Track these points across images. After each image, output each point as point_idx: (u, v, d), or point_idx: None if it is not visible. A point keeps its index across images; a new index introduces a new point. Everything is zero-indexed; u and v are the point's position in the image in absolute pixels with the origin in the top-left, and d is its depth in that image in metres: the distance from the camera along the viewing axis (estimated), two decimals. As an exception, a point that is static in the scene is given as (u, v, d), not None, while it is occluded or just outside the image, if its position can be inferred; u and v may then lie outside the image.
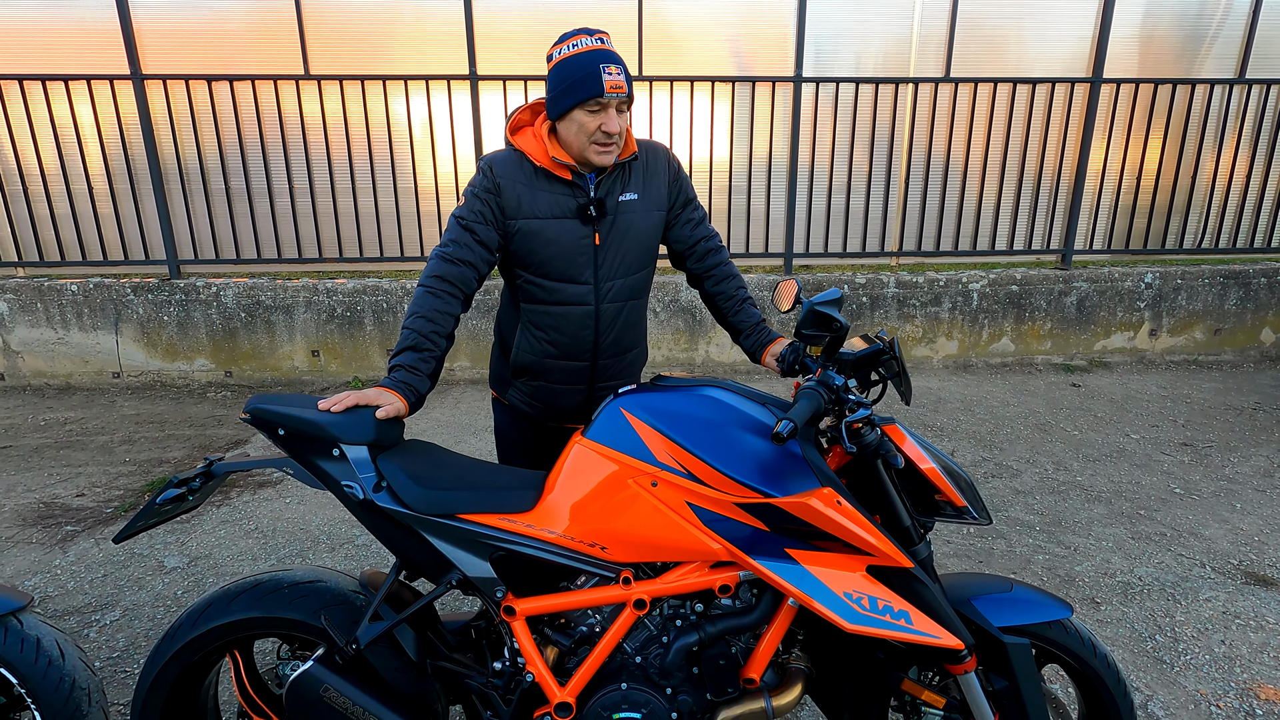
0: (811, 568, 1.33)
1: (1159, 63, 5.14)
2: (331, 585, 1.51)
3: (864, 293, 5.15)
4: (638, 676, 1.44)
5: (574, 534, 1.41)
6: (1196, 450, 3.87)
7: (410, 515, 1.40)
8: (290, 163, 4.90)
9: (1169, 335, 5.39)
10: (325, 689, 1.36)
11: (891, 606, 1.33)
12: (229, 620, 1.45)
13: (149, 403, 4.74)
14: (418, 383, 1.55)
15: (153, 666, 1.47)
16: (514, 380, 1.87)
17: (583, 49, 1.58)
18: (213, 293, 4.91)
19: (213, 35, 4.67)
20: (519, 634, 1.44)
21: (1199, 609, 2.53)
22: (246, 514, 3.23)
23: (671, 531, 1.38)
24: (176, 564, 2.84)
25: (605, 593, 1.43)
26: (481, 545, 1.41)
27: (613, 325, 1.79)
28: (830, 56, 5.00)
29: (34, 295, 4.82)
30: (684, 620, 1.44)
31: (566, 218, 1.70)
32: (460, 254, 1.65)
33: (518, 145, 1.72)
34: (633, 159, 1.75)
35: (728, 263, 1.90)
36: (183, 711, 1.55)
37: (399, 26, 4.74)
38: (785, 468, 1.34)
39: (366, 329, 5.00)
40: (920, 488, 1.44)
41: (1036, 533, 3.05)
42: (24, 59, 4.61)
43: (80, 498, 3.42)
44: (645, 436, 1.41)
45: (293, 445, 1.44)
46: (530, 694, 1.46)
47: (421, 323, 1.59)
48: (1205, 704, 2.09)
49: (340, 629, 1.42)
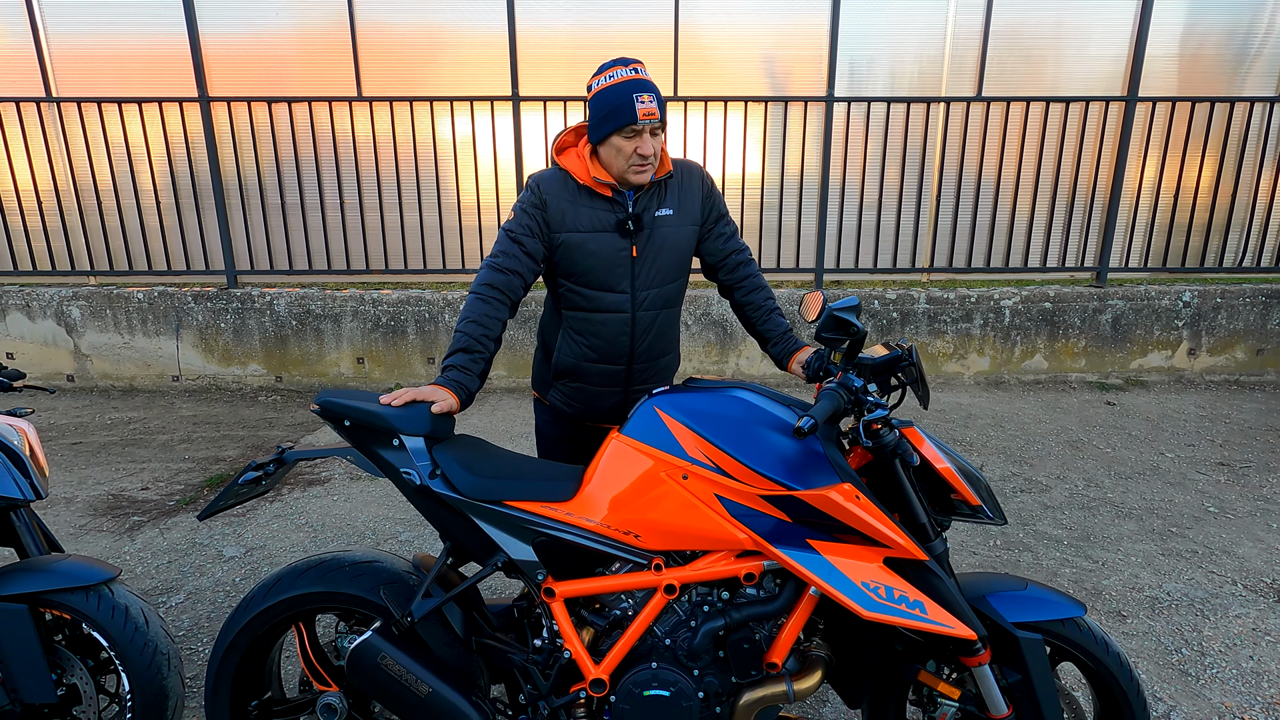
0: (831, 558, 1.43)
1: (1199, 81, 5.13)
2: (388, 565, 1.65)
3: (894, 308, 5.20)
4: (667, 657, 1.54)
5: (610, 522, 1.53)
6: (1233, 470, 3.83)
7: (462, 500, 1.53)
8: (341, 179, 5.16)
9: (1209, 355, 5.32)
10: (382, 657, 1.49)
11: (907, 596, 1.42)
12: (295, 594, 1.60)
13: (205, 405, 5.00)
14: (468, 381, 1.69)
15: (227, 634, 1.63)
16: (555, 382, 2.00)
17: (618, 80, 1.73)
18: (266, 301, 5.17)
19: (273, 60, 4.97)
20: (558, 615, 1.56)
21: (1228, 625, 2.53)
22: (298, 509, 3.42)
23: (701, 522, 1.48)
24: (234, 553, 3.02)
25: (638, 578, 1.54)
26: (525, 530, 1.54)
27: (648, 332, 1.91)
28: (862, 76, 5.10)
29: (103, 302, 5.15)
30: (711, 606, 1.54)
31: (606, 231, 1.83)
32: (508, 264, 1.79)
33: (562, 165, 1.87)
34: (668, 177, 1.88)
35: (757, 275, 2.01)
36: (250, 679, 1.70)
37: (445, 50, 4.99)
38: (808, 463, 1.44)
39: (409, 338, 5.21)
40: (937, 488, 1.53)
41: (1064, 547, 3.07)
42: (99, 82, 4.97)
43: (145, 491, 3.65)
44: (678, 433, 1.52)
45: (357, 436, 1.59)
46: (567, 670, 1.58)
47: (473, 326, 1.73)
48: (1230, 716, 2.10)
49: (396, 603, 1.55)
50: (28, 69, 4.95)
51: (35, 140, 5.05)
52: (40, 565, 1.69)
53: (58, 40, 4.92)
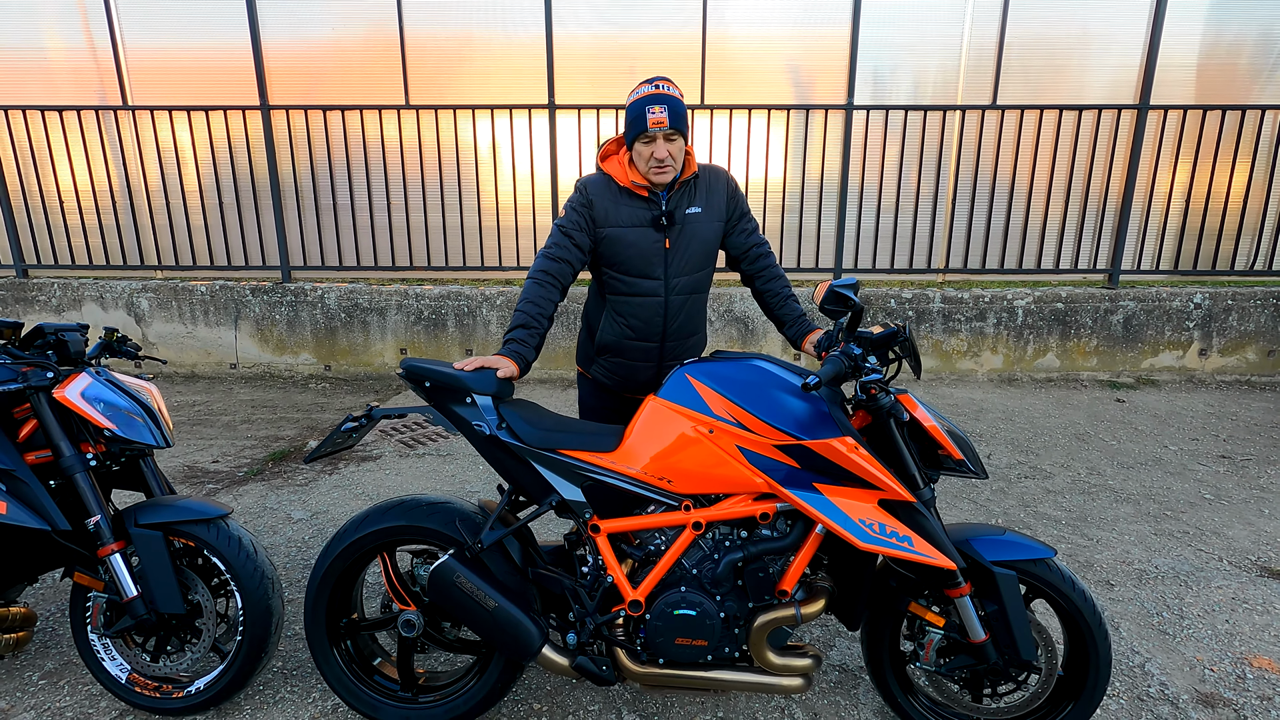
0: (833, 498, 1.70)
1: (1212, 89, 5.29)
2: (458, 505, 1.95)
3: (910, 307, 5.43)
4: (693, 584, 1.82)
5: (647, 470, 1.81)
6: (1234, 462, 4.00)
7: (524, 448, 1.83)
8: (389, 182, 5.53)
9: (1220, 355, 5.46)
10: (457, 576, 1.79)
11: (897, 532, 1.68)
12: (383, 526, 1.91)
13: (260, 390, 5.39)
14: (526, 352, 1.99)
15: (324, 560, 1.94)
16: (597, 358, 2.30)
17: (639, 95, 2.04)
18: (318, 295, 5.55)
19: (328, 69, 5.35)
20: (602, 547, 1.85)
21: (1209, 594, 2.75)
22: (354, 481, 3.76)
23: (724, 469, 1.76)
24: (301, 516, 3.36)
25: (670, 517, 1.82)
26: (576, 475, 1.83)
27: (679, 313, 2.20)
28: (882, 85, 5.35)
29: (169, 295, 5.57)
30: (731, 542, 1.82)
31: (643, 226, 2.13)
32: (560, 254, 2.09)
33: (605, 170, 2.17)
34: (695, 179, 2.17)
35: (775, 266, 2.29)
36: (339, 602, 2.01)
37: (485, 59, 5.33)
38: (815, 419, 1.72)
39: (449, 330, 5.56)
40: (927, 447, 1.80)
41: (1062, 525, 3.29)
42: (169, 90, 5.39)
43: (215, 464, 4.02)
44: (705, 396, 1.80)
45: (435, 395, 1.90)
46: (609, 594, 1.87)
47: (530, 306, 2.03)
48: (1200, 668, 2.32)
49: (468, 534, 1.86)
50: (106, 79, 5.39)
51: (112, 144, 5.49)
52: (168, 502, 2.02)
53: (134, 50, 5.34)
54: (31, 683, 2.22)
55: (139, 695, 2.04)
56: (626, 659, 1.84)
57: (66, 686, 2.20)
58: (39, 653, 2.36)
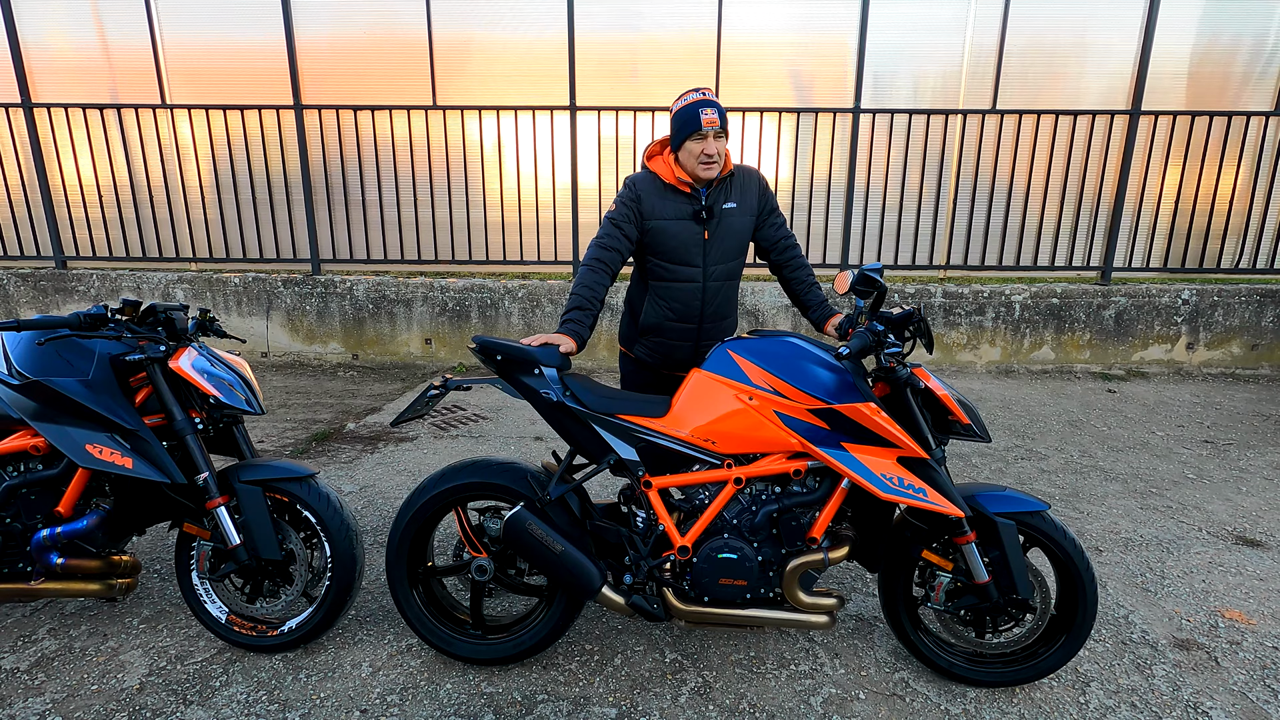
0: (858, 455, 1.96)
1: (1202, 96, 5.57)
2: (524, 465, 2.21)
3: (912, 302, 5.70)
4: (734, 533, 2.09)
5: (694, 433, 2.07)
6: (1216, 446, 4.29)
7: (587, 413, 2.09)
8: (416, 179, 5.78)
9: (1206, 349, 5.75)
10: (528, 524, 2.05)
11: (913, 484, 1.95)
12: (459, 483, 2.17)
13: (292, 378, 5.63)
14: (582, 331, 2.25)
15: (406, 512, 2.20)
16: (640, 338, 2.56)
17: (689, 100, 2.31)
18: (347, 287, 5.80)
19: (359, 69, 5.59)
20: (654, 500, 2.11)
21: (1189, 559, 3.02)
22: (396, 459, 4.02)
23: (762, 431, 2.03)
24: (351, 489, 3.62)
25: (714, 474, 2.08)
26: (632, 437, 2.09)
27: (715, 298, 2.46)
28: (886, 89, 5.61)
29: (205, 286, 5.80)
30: (768, 495, 2.08)
31: (685, 219, 2.39)
32: (612, 243, 2.35)
33: (651, 168, 2.43)
34: (730, 177, 2.43)
35: (801, 256, 2.56)
36: (417, 552, 2.27)
37: (510, 61, 5.58)
38: (843, 386, 1.98)
39: (472, 321, 5.81)
40: (939, 415, 2.06)
41: (1055, 501, 3.56)
42: (205, 88, 5.63)
43: (261, 443, 4.26)
44: (745, 368, 2.06)
45: (504, 367, 2.15)
46: (659, 542, 2.13)
47: (585, 289, 2.29)
48: (1178, 619, 2.60)
49: (537, 488, 2.12)
50: (146, 78, 5.62)
51: (149, 140, 5.72)
52: (263, 462, 2.28)
53: (172, 50, 5.57)
54: (133, 627, 2.47)
55: (237, 633, 2.29)
56: (674, 598, 2.11)
57: (165, 630, 2.45)
58: (135, 603, 2.61)
